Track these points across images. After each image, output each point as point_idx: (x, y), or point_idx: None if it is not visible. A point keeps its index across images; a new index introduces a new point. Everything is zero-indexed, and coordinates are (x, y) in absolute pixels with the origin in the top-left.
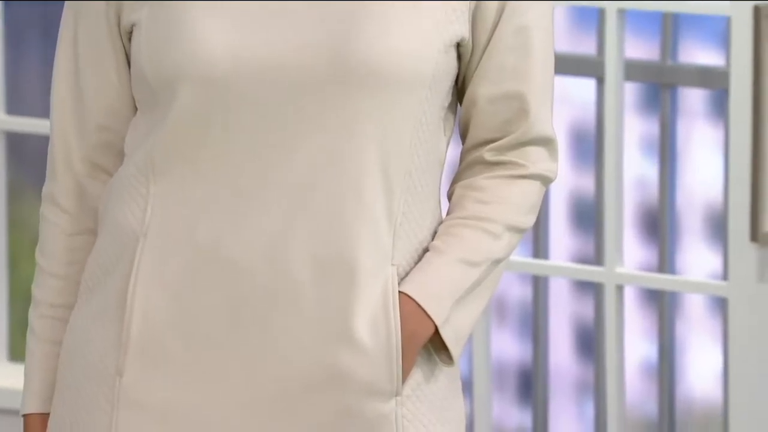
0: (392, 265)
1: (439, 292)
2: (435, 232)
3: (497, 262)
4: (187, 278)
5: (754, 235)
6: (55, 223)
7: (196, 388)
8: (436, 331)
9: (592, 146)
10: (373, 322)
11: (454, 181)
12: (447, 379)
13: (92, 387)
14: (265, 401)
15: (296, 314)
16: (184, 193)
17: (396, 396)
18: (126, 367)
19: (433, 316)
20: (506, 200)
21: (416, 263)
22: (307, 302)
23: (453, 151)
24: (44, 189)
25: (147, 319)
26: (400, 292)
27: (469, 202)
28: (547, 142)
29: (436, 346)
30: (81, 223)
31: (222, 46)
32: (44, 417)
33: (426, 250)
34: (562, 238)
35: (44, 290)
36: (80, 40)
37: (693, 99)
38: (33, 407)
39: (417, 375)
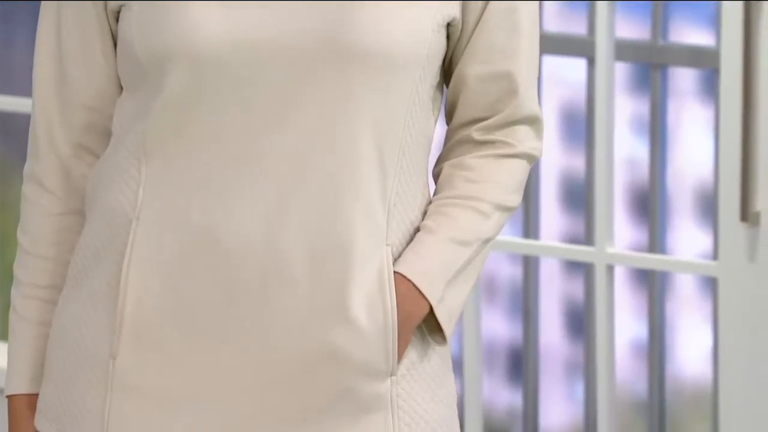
0: (387, 245)
1: (433, 272)
2: (425, 212)
3: (487, 241)
4: (181, 261)
5: (744, 214)
6: (40, 203)
7: (192, 370)
8: (430, 311)
9: (582, 126)
10: (369, 303)
11: (441, 160)
12: (439, 358)
13: (85, 370)
14: (260, 383)
15: (291, 295)
16: (177, 175)
17: (391, 376)
18: (120, 351)
19: (428, 296)
20: (495, 179)
21: (408, 243)
22: (302, 283)
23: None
24: (26, 168)
25: (141, 302)
26: (395, 272)
27: (458, 181)
28: (533, 121)
29: (429, 325)
30: (67, 204)
31: (215, 26)
32: (32, 398)
33: (417, 229)
34: (552, 218)
35: (28, 271)
36: (64, 20)
37: (684, 79)
38: (20, 388)
39: (411, 354)
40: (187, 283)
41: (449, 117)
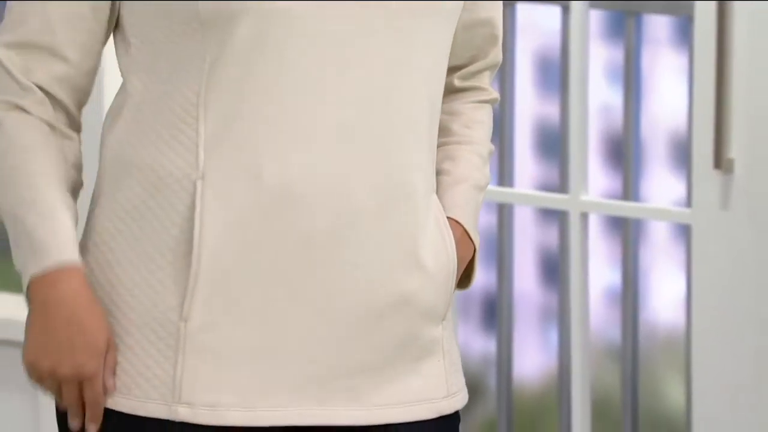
0: (433, 191)
1: (474, 219)
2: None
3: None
4: (255, 218)
5: (718, 162)
6: (33, 121)
7: (266, 326)
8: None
9: (556, 74)
10: (434, 249)
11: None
12: None
13: (151, 336)
14: (335, 335)
15: (364, 244)
16: (242, 131)
17: (443, 320)
18: (192, 313)
19: (474, 241)
20: (483, 125)
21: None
22: (373, 231)
23: None
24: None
25: (216, 263)
26: (448, 217)
27: (455, 126)
28: (497, 67)
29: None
30: (66, 135)
31: None
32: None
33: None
34: (526, 166)
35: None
36: None
37: (658, 26)
38: (75, 255)
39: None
40: (263, 239)
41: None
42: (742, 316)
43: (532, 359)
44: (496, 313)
